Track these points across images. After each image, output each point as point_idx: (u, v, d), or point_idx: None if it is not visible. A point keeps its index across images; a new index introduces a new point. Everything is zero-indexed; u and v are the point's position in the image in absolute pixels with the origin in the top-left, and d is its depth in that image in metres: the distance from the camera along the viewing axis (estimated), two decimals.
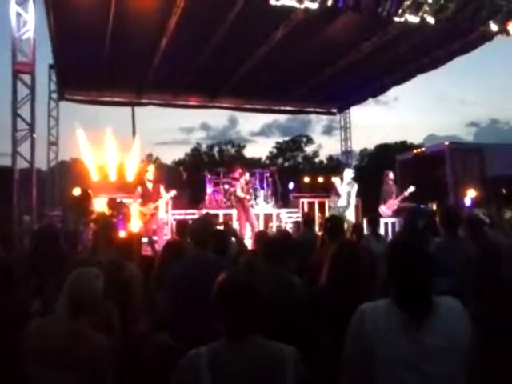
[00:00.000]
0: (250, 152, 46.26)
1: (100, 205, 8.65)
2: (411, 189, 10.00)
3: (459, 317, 1.89)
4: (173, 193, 9.01)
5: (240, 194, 10.08)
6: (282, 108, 15.96)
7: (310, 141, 44.82)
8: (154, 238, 7.58)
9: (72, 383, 2.38)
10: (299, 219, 11.29)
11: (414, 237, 3.63)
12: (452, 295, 1.97)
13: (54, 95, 13.45)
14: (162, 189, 8.97)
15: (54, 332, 2.44)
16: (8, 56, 7.83)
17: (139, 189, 8.70)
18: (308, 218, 6.59)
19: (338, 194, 9.86)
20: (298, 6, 7.89)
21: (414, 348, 1.80)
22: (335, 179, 9.99)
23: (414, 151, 14.61)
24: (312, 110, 16.46)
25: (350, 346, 1.92)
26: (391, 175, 10.48)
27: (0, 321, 2.59)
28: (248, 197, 10.22)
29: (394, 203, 10.14)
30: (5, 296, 2.90)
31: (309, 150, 44.69)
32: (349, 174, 10.01)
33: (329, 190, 10.98)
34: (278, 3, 7.71)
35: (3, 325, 2.55)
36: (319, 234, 8.82)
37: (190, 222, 4.95)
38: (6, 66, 8.12)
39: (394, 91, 13.91)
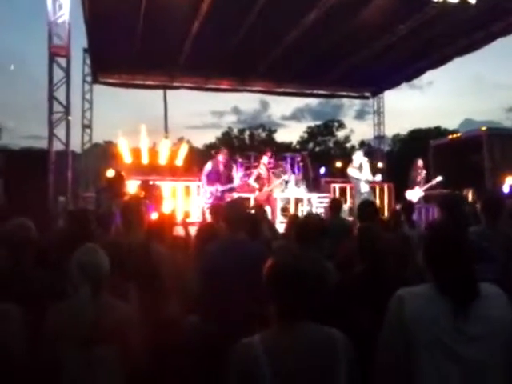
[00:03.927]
0: (280, 136, 46.07)
1: (133, 187, 8.77)
2: (439, 178, 10.04)
3: (502, 305, 1.85)
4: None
5: (253, 183, 10.16)
6: (314, 92, 15.74)
7: (341, 125, 44.32)
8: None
9: (101, 358, 2.42)
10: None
11: (460, 224, 3.53)
12: (497, 282, 1.92)
13: (88, 78, 13.62)
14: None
15: (81, 308, 2.48)
16: (44, 40, 7.96)
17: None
18: (335, 204, 6.49)
19: (358, 181, 9.68)
20: None
21: (457, 335, 1.76)
22: (348, 169, 9.82)
23: (450, 136, 14.25)
24: (345, 93, 16.21)
25: (387, 332, 1.89)
26: (420, 163, 10.57)
27: (32, 301, 2.64)
28: (266, 188, 10.25)
29: (420, 190, 10.22)
30: (36, 276, 2.96)
31: (340, 134, 44.23)
32: (359, 156, 9.83)
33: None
34: None
35: (35, 306, 2.61)
36: (350, 219, 8.82)
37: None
38: (42, 49, 8.25)
39: (428, 75, 13.58)
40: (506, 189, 10.06)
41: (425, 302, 1.83)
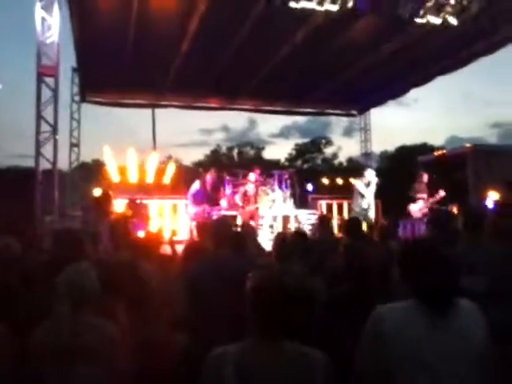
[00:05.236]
0: (269, 153, 46.23)
1: (120, 206, 8.76)
2: (442, 193, 9.98)
3: (477, 319, 1.88)
4: None
5: (237, 201, 10.19)
6: (302, 110, 15.92)
7: (329, 142, 44.63)
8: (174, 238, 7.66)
9: (86, 377, 2.41)
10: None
11: (449, 240, 3.58)
12: (484, 296, 1.95)
13: (76, 97, 13.65)
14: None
15: (62, 327, 2.49)
16: (33, 59, 8.00)
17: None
18: (323, 220, 6.54)
19: (361, 196, 9.85)
20: (318, 8, 7.88)
21: (434, 350, 1.78)
22: (355, 181, 9.98)
23: (435, 153, 14.43)
24: (332, 111, 16.38)
25: (364, 345, 1.91)
26: (425, 176, 10.46)
27: (15, 323, 2.64)
28: (250, 206, 10.28)
29: (424, 205, 10.10)
30: (21, 298, 2.96)
31: (328, 151, 44.52)
32: (371, 175, 9.99)
33: (348, 191, 10.96)
34: (298, 6, 7.71)
35: (20, 324, 2.60)
36: (337, 235, 8.87)
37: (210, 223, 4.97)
38: (30, 69, 8.29)
39: (414, 92, 13.79)
40: (489, 204, 10.20)
41: (403, 320, 1.84)
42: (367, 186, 9.85)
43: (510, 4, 8.53)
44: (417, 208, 10.15)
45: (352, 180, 10.18)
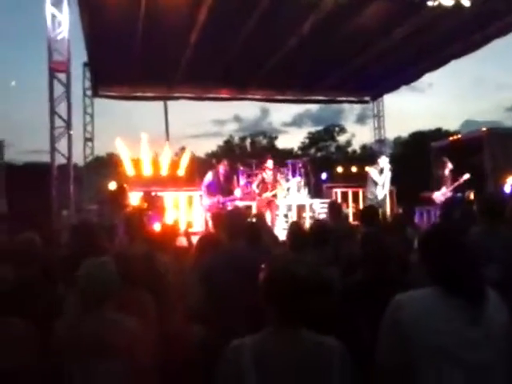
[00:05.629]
0: (282, 143, 46.01)
1: (135, 198, 8.83)
2: (466, 176, 9.79)
3: (499, 305, 1.84)
4: None
5: (255, 188, 10.18)
6: (314, 98, 15.79)
7: (342, 130, 44.25)
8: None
9: (108, 372, 2.43)
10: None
11: (450, 227, 3.53)
12: (498, 284, 1.91)
13: (89, 92, 13.72)
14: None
15: (84, 323, 2.51)
16: (44, 56, 8.06)
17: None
18: (334, 208, 6.46)
19: (375, 184, 9.80)
20: None
21: (461, 340, 1.74)
22: (369, 169, 9.92)
23: (450, 138, 14.28)
24: (344, 98, 16.22)
25: (384, 336, 1.88)
26: (449, 164, 10.24)
27: (37, 318, 2.67)
28: (267, 193, 10.25)
29: (448, 191, 9.96)
30: (43, 292, 2.99)
31: (342, 139, 44.14)
32: (385, 161, 9.93)
33: (362, 179, 10.90)
34: None
35: (43, 320, 2.63)
36: (353, 223, 8.85)
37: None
38: (42, 65, 8.35)
39: (428, 77, 13.59)
40: (507, 189, 10.07)
41: (424, 307, 1.80)
42: (381, 173, 9.80)
43: None
44: (440, 194, 10.01)
45: (367, 168, 10.12)
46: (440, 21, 9.56)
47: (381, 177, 9.72)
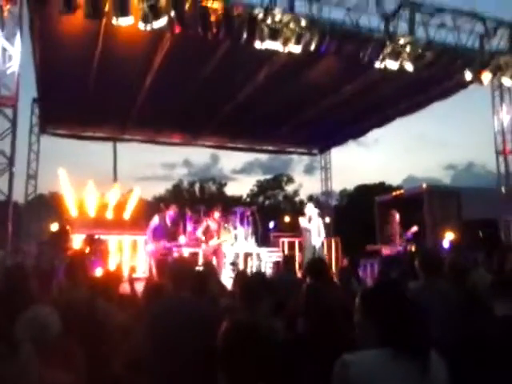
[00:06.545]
0: (231, 189, 46.44)
1: (78, 241, 8.53)
2: (414, 228, 9.89)
3: (443, 371, 1.84)
4: None
5: (200, 235, 10.13)
6: (264, 148, 16.12)
7: (290, 180, 45.20)
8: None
9: None
10: (280, 259, 11.27)
11: (391, 283, 3.59)
12: (436, 341, 1.91)
13: (36, 129, 13.35)
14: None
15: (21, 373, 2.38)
16: None
17: None
18: (288, 260, 6.52)
19: (308, 232, 9.94)
20: (281, 49, 8.10)
21: None
22: (300, 219, 10.11)
23: (393, 193, 14.81)
24: (293, 150, 16.65)
25: None
26: (397, 216, 10.26)
27: None
28: (214, 240, 10.19)
29: (398, 244, 9.93)
30: None
31: (289, 189, 45.03)
32: (311, 209, 10.13)
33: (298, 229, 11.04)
34: (263, 46, 7.90)
35: None
36: (299, 274, 8.86)
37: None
38: None
39: (374, 133, 14.19)
40: (445, 244, 10.46)
41: (372, 368, 1.75)
42: (309, 220, 10.01)
43: (460, 54, 9.03)
44: (389, 248, 10.08)
45: (299, 220, 10.28)
46: (386, 82, 10.13)
47: (311, 224, 9.88)
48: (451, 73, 9.42)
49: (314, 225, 10.00)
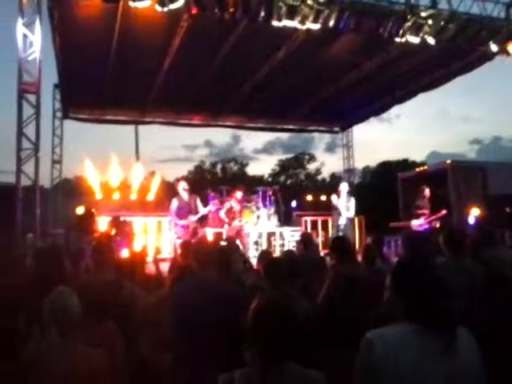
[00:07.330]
0: (252, 169, 46.52)
1: (103, 224, 8.68)
2: (444, 212, 9.82)
3: (473, 345, 1.83)
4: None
5: (223, 216, 10.15)
6: (285, 126, 16.03)
7: (312, 158, 44.93)
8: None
9: None
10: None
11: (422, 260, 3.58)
12: (461, 317, 1.90)
13: (59, 114, 13.55)
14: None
15: (50, 353, 2.46)
16: (14, 77, 7.93)
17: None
18: (305, 238, 6.47)
19: (338, 212, 9.92)
20: (300, 26, 7.99)
21: (435, 375, 1.71)
22: (333, 196, 10.07)
23: (417, 169, 14.61)
24: (314, 128, 16.53)
25: (359, 379, 1.80)
26: (427, 191, 10.12)
27: None
28: (236, 222, 10.21)
29: (425, 221, 9.87)
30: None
31: (311, 167, 44.80)
32: (345, 187, 10.08)
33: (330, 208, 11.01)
34: (281, 24, 7.80)
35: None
36: (322, 253, 8.88)
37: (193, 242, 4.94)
38: (12, 86, 8.21)
39: (396, 109, 14.00)
40: (471, 220, 10.32)
41: (397, 345, 1.74)
42: (339, 197, 10.00)
43: (485, 25, 8.76)
44: (417, 224, 10.06)
45: (332, 196, 10.26)
46: (407, 57, 9.93)
47: (339, 201, 9.85)
48: (475, 45, 9.15)
49: (342, 203, 9.98)
